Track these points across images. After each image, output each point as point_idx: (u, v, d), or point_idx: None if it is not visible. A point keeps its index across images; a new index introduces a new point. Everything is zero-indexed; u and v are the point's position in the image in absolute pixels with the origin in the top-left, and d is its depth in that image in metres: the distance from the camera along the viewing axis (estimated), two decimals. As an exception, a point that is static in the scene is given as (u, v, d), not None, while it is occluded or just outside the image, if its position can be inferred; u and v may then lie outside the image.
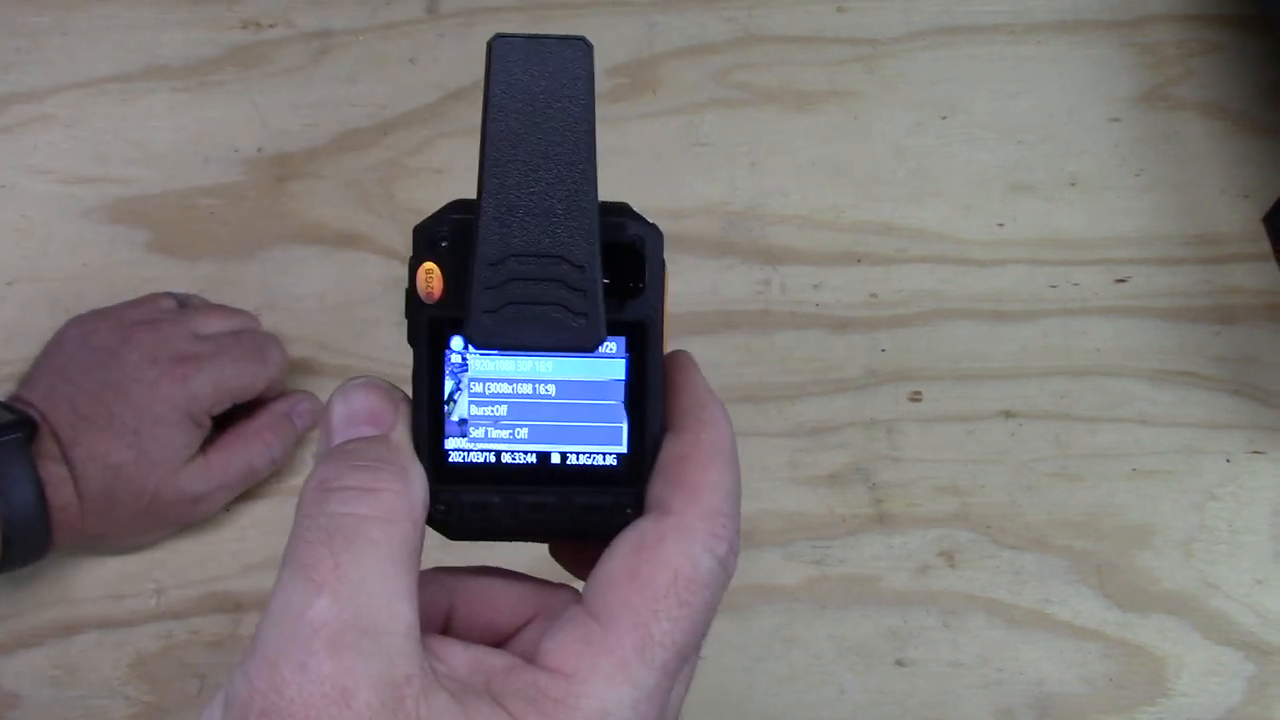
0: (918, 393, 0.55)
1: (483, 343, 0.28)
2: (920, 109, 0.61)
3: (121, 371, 0.48)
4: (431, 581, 0.30)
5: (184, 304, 0.53)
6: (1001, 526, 0.53)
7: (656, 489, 0.28)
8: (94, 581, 0.51)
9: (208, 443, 0.51)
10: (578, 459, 0.29)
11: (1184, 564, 0.52)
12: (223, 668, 0.50)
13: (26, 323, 0.55)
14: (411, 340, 0.29)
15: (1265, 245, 0.57)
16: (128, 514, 0.48)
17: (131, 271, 0.57)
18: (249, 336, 0.52)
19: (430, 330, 0.29)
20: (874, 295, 0.57)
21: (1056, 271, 0.57)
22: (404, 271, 0.48)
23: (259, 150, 0.59)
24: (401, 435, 0.28)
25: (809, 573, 0.52)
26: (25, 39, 0.62)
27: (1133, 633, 0.51)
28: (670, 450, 0.29)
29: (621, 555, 0.27)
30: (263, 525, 0.52)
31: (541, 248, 0.27)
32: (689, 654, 0.27)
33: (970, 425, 0.55)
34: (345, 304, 0.56)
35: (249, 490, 0.52)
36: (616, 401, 0.29)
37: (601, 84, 0.61)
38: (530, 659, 0.27)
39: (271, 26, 0.62)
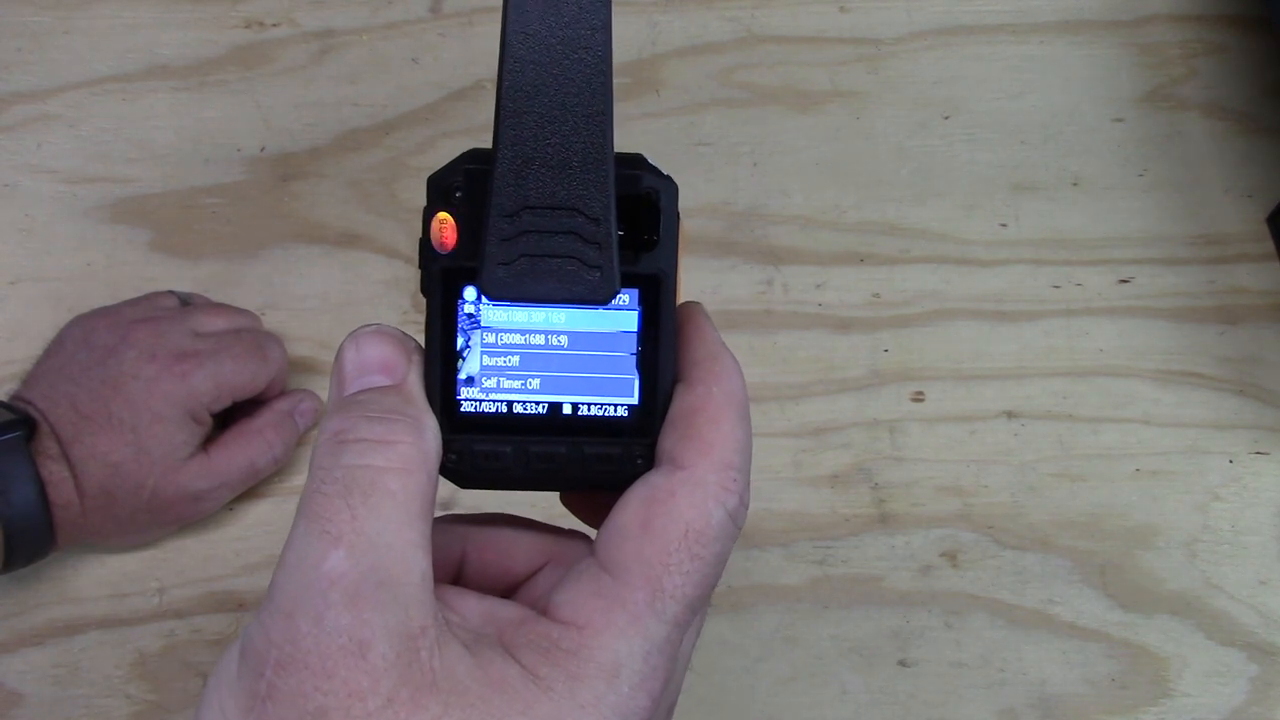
0: (920, 393, 0.55)
1: (496, 294, 0.28)
2: (923, 109, 0.61)
3: (120, 369, 0.48)
4: (444, 530, 0.30)
5: (185, 302, 0.53)
6: (1004, 527, 0.53)
7: (668, 442, 0.28)
8: (96, 580, 0.51)
9: (209, 441, 0.50)
10: (589, 410, 0.29)
11: (1187, 565, 0.52)
12: (224, 667, 0.50)
13: (29, 322, 0.55)
14: (424, 290, 0.29)
15: (1269, 245, 0.57)
16: (128, 511, 0.48)
17: (134, 271, 0.57)
18: (250, 335, 0.52)
19: (444, 280, 0.29)
20: (877, 295, 0.57)
21: (1059, 272, 0.57)
22: (407, 271, 0.49)
23: (261, 150, 0.59)
24: (415, 385, 0.28)
25: (811, 573, 0.52)
26: (27, 38, 0.62)
27: (1136, 633, 0.51)
28: (681, 403, 0.29)
29: (633, 508, 0.27)
30: (265, 525, 0.52)
31: (557, 200, 0.27)
32: (699, 606, 0.27)
33: (973, 425, 0.55)
34: (347, 303, 0.56)
35: (251, 489, 0.52)
36: (629, 354, 0.29)
37: (604, 84, 0.61)
38: (543, 610, 0.27)
39: (274, 26, 0.62)
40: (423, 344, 0.29)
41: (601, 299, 0.28)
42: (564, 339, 0.29)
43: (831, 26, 0.62)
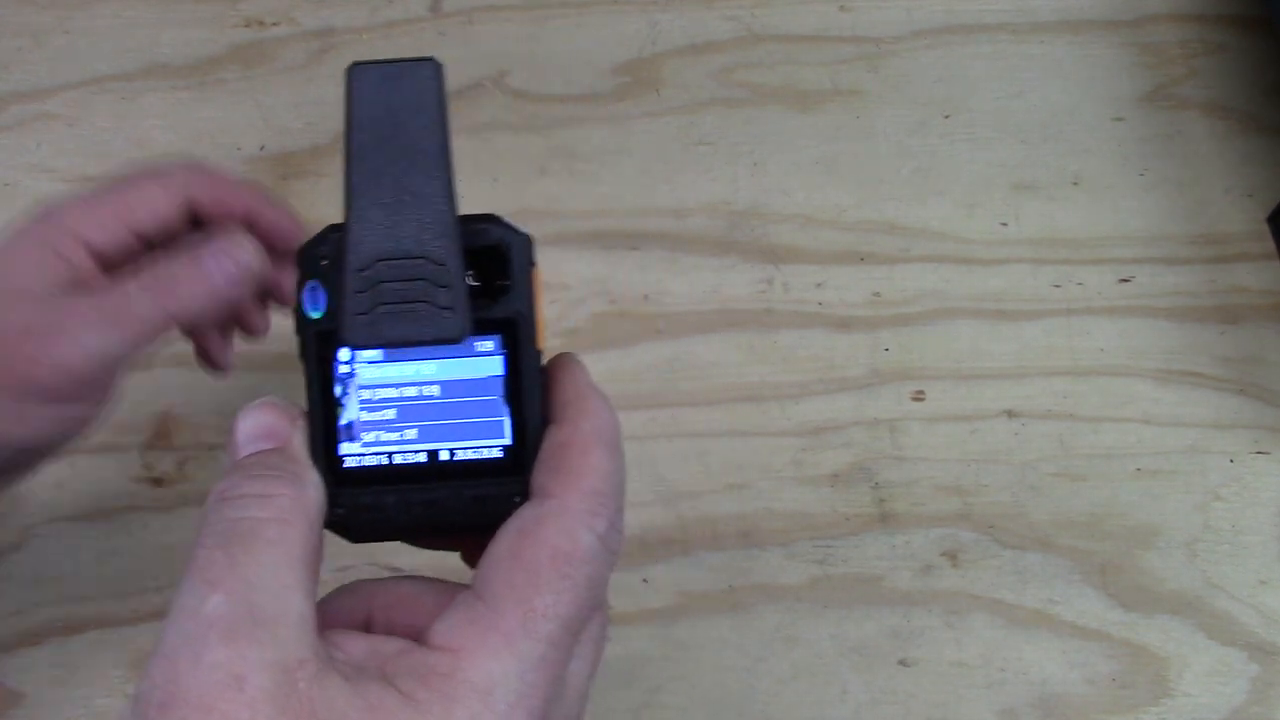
0: (920, 392, 0.55)
1: (357, 342, 0.30)
2: (923, 108, 0.60)
3: None
4: (351, 591, 0.31)
5: None
6: (1005, 526, 0.53)
7: (539, 477, 0.30)
8: (95, 579, 0.51)
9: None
10: (465, 454, 0.31)
11: (1188, 564, 0.52)
12: (224, 667, 0.50)
13: (28, 321, 0.55)
14: (302, 355, 0.31)
15: (1269, 245, 0.57)
16: None
17: (133, 270, 0.57)
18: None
19: (318, 343, 0.31)
20: (877, 294, 0.57)
21: (1060, 271, 0.57)
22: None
23: (261, 149, 0.59)
24: (297, 445, 0.30)
25: (811, 572, 0.52)
26: (26, 38, 0.62)
27: (1136, 633, 0.51)
28: (551, 440, 0.30)
29: (505, 540, 0.28)
30: (264, 524, 0.52)
31: (404, 250, 0.29)
32: (577, 627, 0.28)
33: (973, 425, 0.54)
34: (347, 303, 0.56)
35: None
36: (497, 396, 0.31)
37: (604, 82, 0.61)
38: (422, 642, 0.28)
39: (274, 25, 0.62)
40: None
41: (455, 337, 0.30)
42: (436, 389, 0.31)
43: (832, 26, 0.62)
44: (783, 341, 0.56)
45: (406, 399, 0.31)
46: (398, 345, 0.30)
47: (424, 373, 0.31)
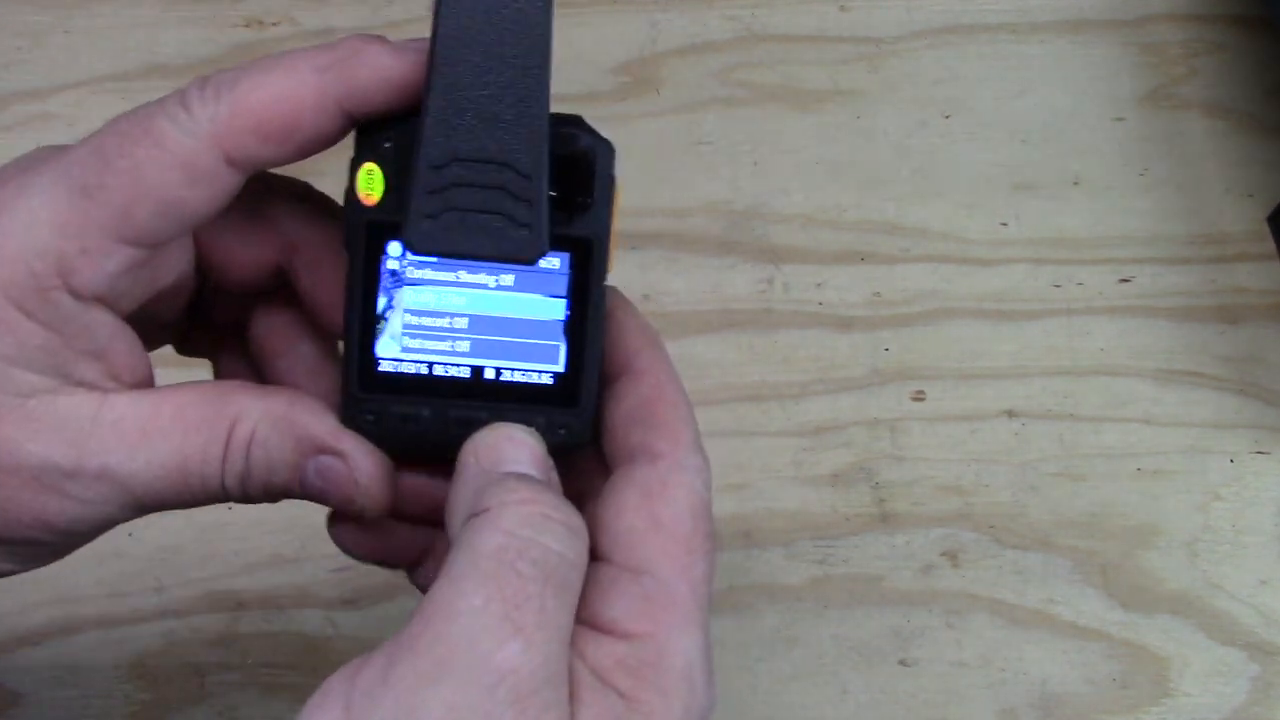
0: (921, 392, 0.55)
1: (420, 248, 0.27)
2: (923, 108, 0.60)
3: None
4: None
5: None
6: (1005, 526, 0.53)
7: (636, 436, 0.28)
8: (95, 580, 0.51)
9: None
10: (512, 375, 0.29)
11: (1188, 564, 0.52)
12: (223, 666, 0.50)
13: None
14: (348, 244, 0.29)
15: (1270, 245, 0.57)
16: None
17: (133, 270, 0.57)
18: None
19: (368, 234, 0.28)
20: (877, 294, 0.57)
21: (1060, 271, 0.57)
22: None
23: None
24: (558, 489, 0.28)
25: (812, 572, 0.52)
26: (26, 38, 0.62)
27: (1137, 633, 0.51)
28: (635, 394, 0.29)
29: (634, 506, 0.27)
30: (265, 524, 0.52)
31: (487, 153, 0.26)
32: (713, 584, 0.28)
33: (974, 425, 0.54)
34: (347, 303, 0.56)
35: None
36: (556, 319, 0.29)
37: (604, 82, 0.61)
38: (600, 629, 0.26)
39: (274, 25, 0.62)
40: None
41: (529, 258, 0.27)
42: (491, 301, 0.29)
43: (832, 25, 0.62)
44: (783, 341, 0.56)
45: (457, 308, 0.29)
46: (464, 257, 0.27)
47: (481, 282, 0.29)
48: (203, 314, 0.35)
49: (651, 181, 0.59)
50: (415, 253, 0.28)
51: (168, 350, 0.36)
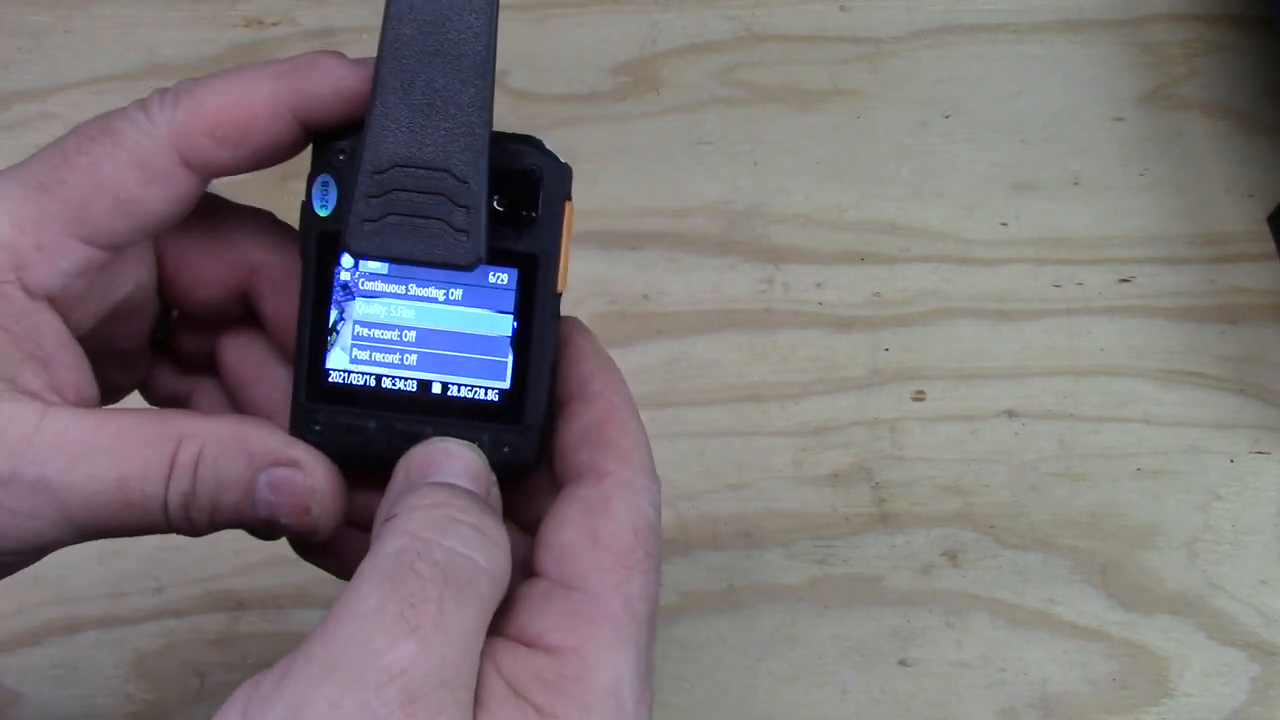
0: (921, 392, 0.55)
1: (359, 250, 0.27)
2: (923, 108, 0.61)
3: None
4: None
5: None
6: (1005, 526, 0.53)
7: (584, 455, 0.29)
8: (95, 580, 0.51)
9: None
10: (458, 390, 0.29)
11: (1188, 564, 0.52)
12: (223, 666, 0.50)
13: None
14: (302, 254, 0.29)
15: (1270, 245, 0.57)
16: None
17: (133, 270, 0.57)
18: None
19: (320, 244, 0.29)
20: (877, 294, 0.57)
21: (1060, 271, 0.57)
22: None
23: (261, 149, 0.59)
24: (496, 504, 0.28)
25: (812, 572, 0.52)
26: (26, 38, 0.62)
27: (1136, 633, 0.51)
28: (587, 416, 0.29)
29: (573, 522, 0.27)
30: (264, 524, 0.52)
31: (427, 159, 0.27)
32: (656, 604, 0.27)
33: (973, 425, 0.54)
34: (347, 303, 0.56)
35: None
36: (503, 336, 0.29)
37: (604, 82, 0.61)
38: (525, 643, 0.26)
39: (274, 25, 0.62)
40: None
41: (464, 264, 0.27)
42: (440, 316, 0.29)
43: (832, 25, 0.62)
44: (783, 341, 0.56)
45: (406, 321, 0.29)
46: (402, 261, 0.27)
47: (430, 297, 0.29)
48: (169, 350, 0.35)
49: (651, 181, 0.59)
50: (355, 256, 0.28)
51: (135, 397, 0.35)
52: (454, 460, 0.28)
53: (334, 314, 0.29)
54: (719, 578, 0.52)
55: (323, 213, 0.29)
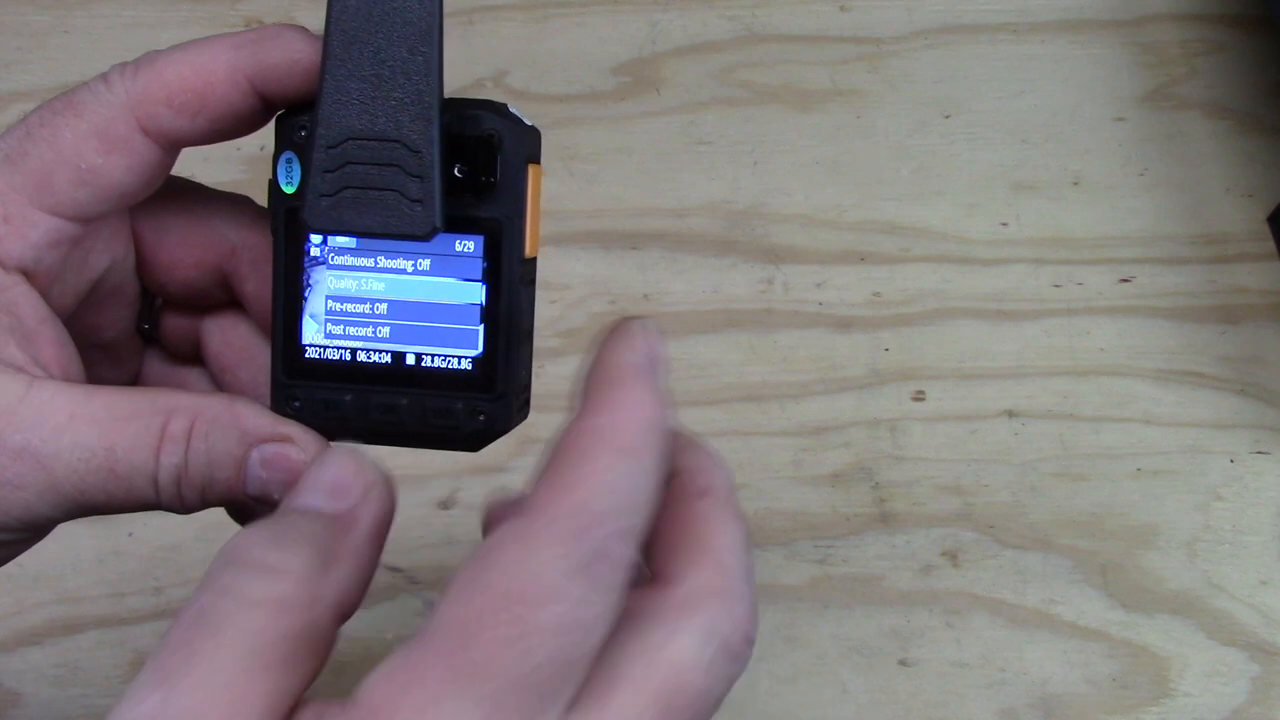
0: (921, 392, 0.55)
1: (316, 225, 0.28)
2: (923, 108, 0.60)
3: None
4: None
5: None
6: (1005, 526, 0.53)
7: (531, 487, 0.24)
8: (95, 580, 0.51)
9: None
10: (432, 361, 0.29)
11: (1188, 564, 0.52)
12: (224, 667, 0.50)
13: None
14: (273, 230, 0.29)
15: (1270, 245, 0.57)
16: None
17: (133, 270, 0.57)
18: None
19: (289, 221, 0.29)
20: (877, 294, 0.57)
21: (1060, 271, 0.57)
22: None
23: (261, 149, 0.59)
24: (364, 521, 0.26)
25: (812, 572, 0.52)
26: (26, 37, 0.62)
27: (1137, 633, 0.51)
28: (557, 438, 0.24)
29: (468, 561, 0.23)
30: (264, 524, 0.52)
31: (380, 130, 0.27)
32: (551, 690, 0.22)
33: (973, 425, 0.54)
34: (347, 303, 0.56)
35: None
36: (473, 304, 0.29)
37: (604, 82, 0.61)
38: (351, 696, 0.23)
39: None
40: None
41: (421, 233, 0.27)
42: (410, 286, 0.29)
43: (832, 25, 0.62)
44: (783, 341, 0.56)
45: (377, 294, 0.29)
46: (358, 234, 0.28)
47: (400, 268, 0.29)
48: (158, 342, 0.35)
49: (651, 181, 0.59)
50: (312, 231, 0.28)
51: None
52: (321, 473, 0.26)
53: (307, 290, 0.29)
54: (719, 578, 0.52)
55: (288, 190, 0.29)
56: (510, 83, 0.61)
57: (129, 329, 0.34)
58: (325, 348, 0.29)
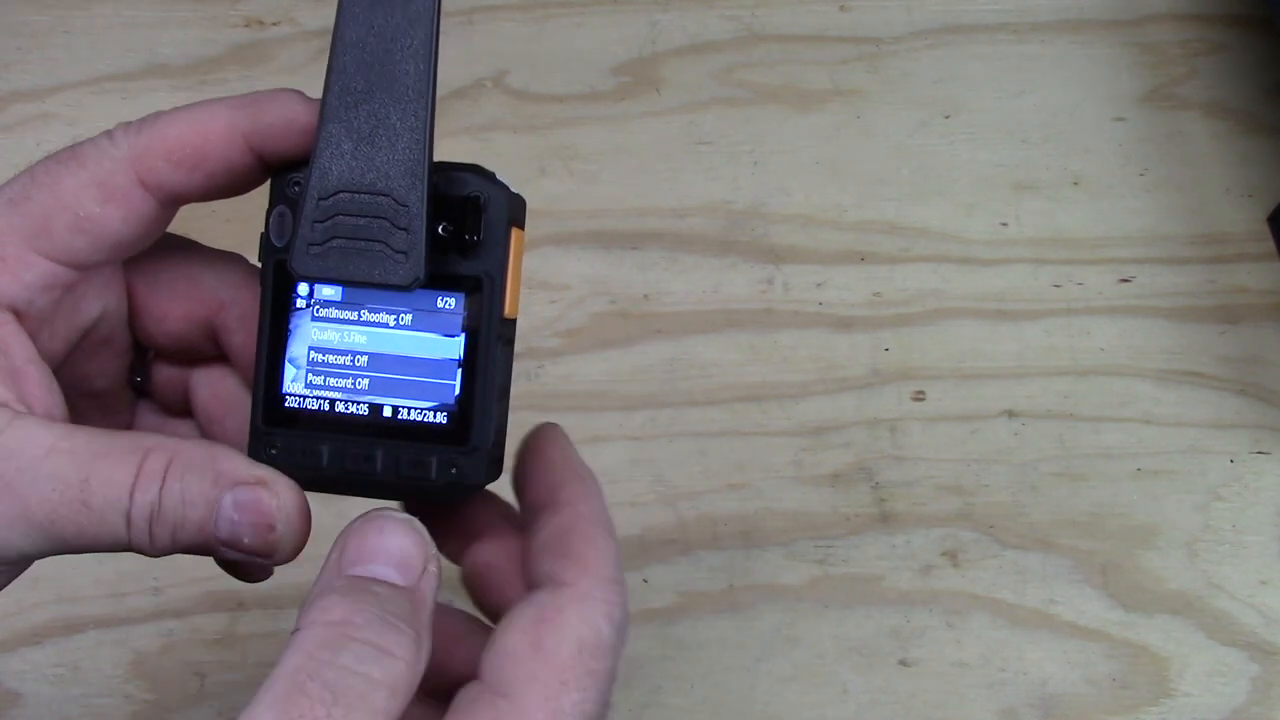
0: (921, 392, 0.55)
1: (303, 272, 0.29)
2: (923, 108, 0.60)
3: None
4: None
5: None
6: (1005, 526, 0.53)
7: (545, 564, 0.28)
8: (94, 580, 0.51)
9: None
10: (408, 414, 0.30)
11: (1188, 564, 0.52)
12: (223, 666, 0.50)
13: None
14: (261, 282, 0.30)
15: (1270, 245, 0.57)
16: None
17: (133, 270, 0.57)
18: None
19: (278, 272, 0.30)
20: (877, 294, 0.57)
21: (1060, 271, 0.57)
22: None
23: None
24: (426, 593, 0.27)
25: (812, 572, 0.52)
26: (26, 38, 0.62)
27: (1137, 633, 0.51)
28: (552, 525, 0.29)
29: (521, 628, 0.27)
30: (264, 524, 0.52)
31: (368, 184, 0.28)
32: None
33: (973, 425, 0.54)
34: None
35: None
36: (451, 359, 0.30)
37: (604, 82, 0.61)
38: None
39: (274, 25, 0.62)
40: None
41: (404, 284, 0.28)
42: (391, 340, 0.30)
43: (832, 25, 0.62)
44: (783, 341, 0.56)
45: (358, 346, 0.30)
46: (343, 282, 0.29)
47: (382, 323, 0.30)
48: (149, 396, 0.35)
49: (651, 181, 0.59)
50: (299, 279, 0.29)
51: None
52: (389, 539, 0.27)
53: (290, 340, 0.30)
54: (719, 578, 0.52)
55: (279, 243, 0.30)
56: (510, 83, 0.61)
57: (120, 380, 0.34)
58: (305, 397, 0.30)
